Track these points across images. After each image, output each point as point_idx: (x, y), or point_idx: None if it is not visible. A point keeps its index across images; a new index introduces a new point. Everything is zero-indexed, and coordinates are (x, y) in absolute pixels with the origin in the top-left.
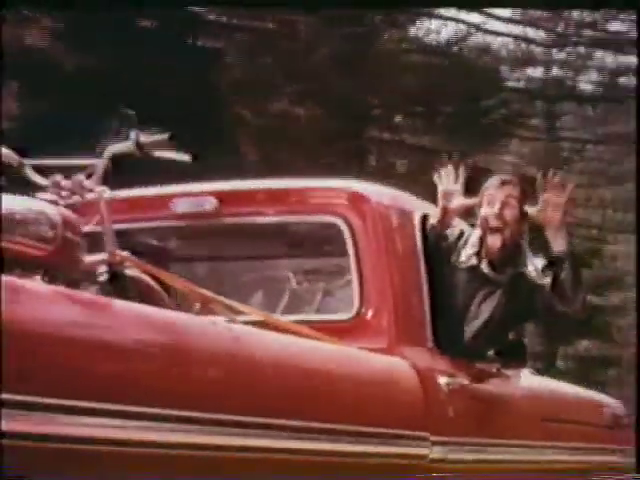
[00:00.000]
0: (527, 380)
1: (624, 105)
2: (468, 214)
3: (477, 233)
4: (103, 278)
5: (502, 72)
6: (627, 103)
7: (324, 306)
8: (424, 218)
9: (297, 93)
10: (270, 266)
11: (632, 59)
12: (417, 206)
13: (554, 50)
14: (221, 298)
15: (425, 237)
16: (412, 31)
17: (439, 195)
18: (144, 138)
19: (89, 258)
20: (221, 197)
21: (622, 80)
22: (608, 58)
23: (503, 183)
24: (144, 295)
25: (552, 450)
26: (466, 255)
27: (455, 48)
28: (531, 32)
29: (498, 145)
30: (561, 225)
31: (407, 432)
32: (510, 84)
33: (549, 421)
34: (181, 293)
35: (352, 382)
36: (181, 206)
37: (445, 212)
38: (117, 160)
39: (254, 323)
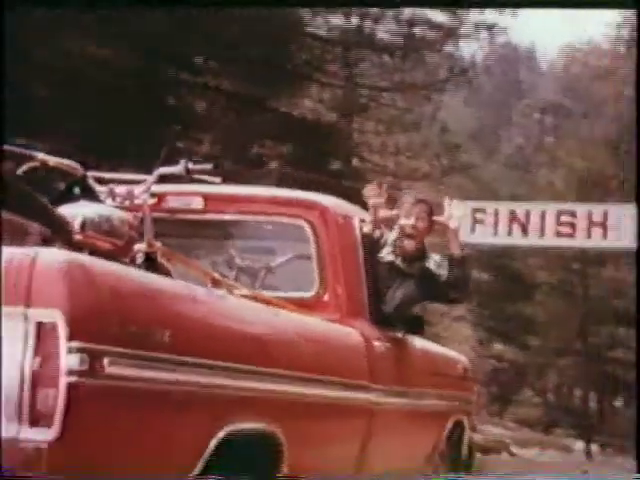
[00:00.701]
0: (420, 343)
1: (418, 55)
2: (389, 221)
3: (393, 235)
4: (140, 261)
5: (304, 18)
6: (421, 53)
7: (266, 282)
8: (361, 222)
9: (92, 29)
10: (222, 247)
11: (427, 12)
12: (355, 212)
13: None
14: (226, 279)
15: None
16: None
17: (369, 207)
18: (192, 166)
19: (135, 246)
20: (207, 197)
21: (417, 30)
22: (405, 9)
23: (418, 201)
24: (163, 274)
25: (435, 397)
26: (385, 252)
27: None
28: None
29: (299, 90)
30: (457, 232)
31: (357, 382)
32: (311, 30)
33: (433, 374)
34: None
35: (320, 343)
36: (173, 202)
37: (374, 221)
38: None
39: (245, 296)
